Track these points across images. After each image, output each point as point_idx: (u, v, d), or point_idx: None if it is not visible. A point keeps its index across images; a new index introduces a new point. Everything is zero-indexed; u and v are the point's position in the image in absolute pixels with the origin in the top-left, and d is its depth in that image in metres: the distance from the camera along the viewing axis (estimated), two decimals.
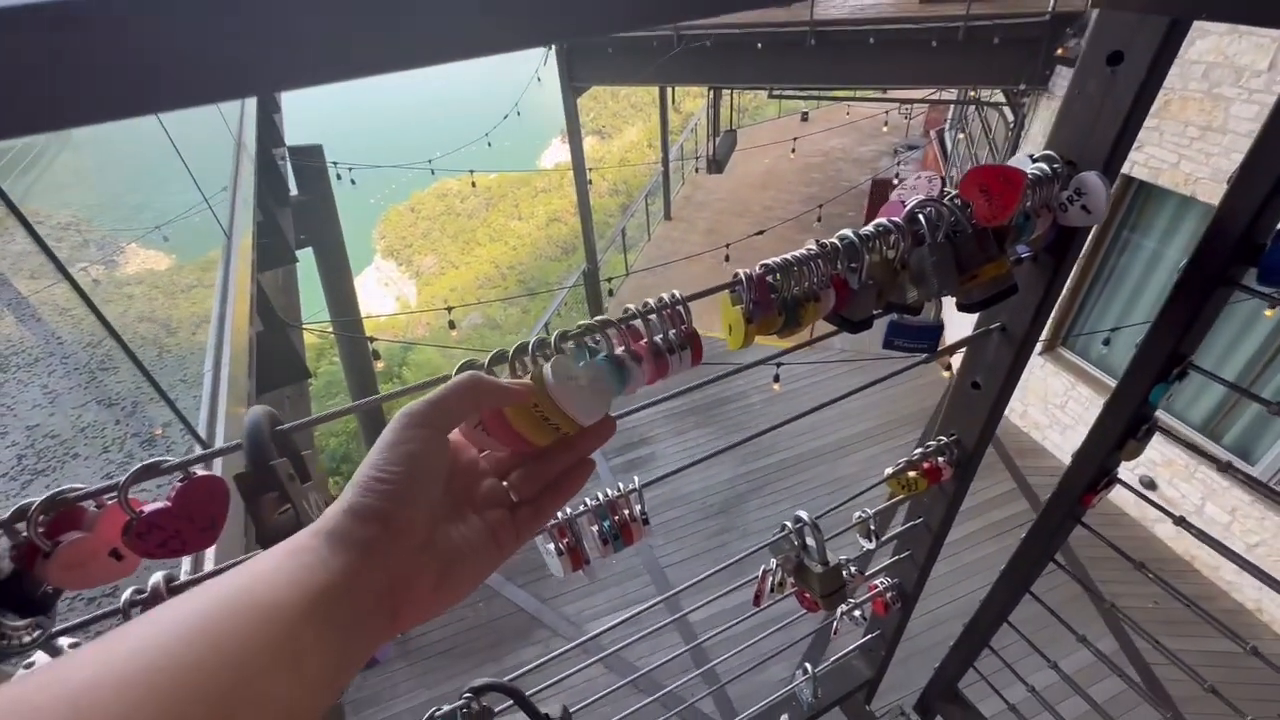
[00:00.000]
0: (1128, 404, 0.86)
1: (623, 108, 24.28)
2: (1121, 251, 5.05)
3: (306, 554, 0.30)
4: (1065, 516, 1.03)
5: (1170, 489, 4.81)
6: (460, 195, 21.52)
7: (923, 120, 12.19)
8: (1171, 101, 4.27)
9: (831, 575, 0.95)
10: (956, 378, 0.99)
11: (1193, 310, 0.75)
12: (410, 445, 0.35)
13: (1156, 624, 1.34)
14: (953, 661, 1.49)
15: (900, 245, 0.66)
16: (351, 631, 0.30)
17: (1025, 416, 6.04)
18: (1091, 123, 0.70)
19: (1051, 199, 0.73)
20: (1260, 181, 0.66)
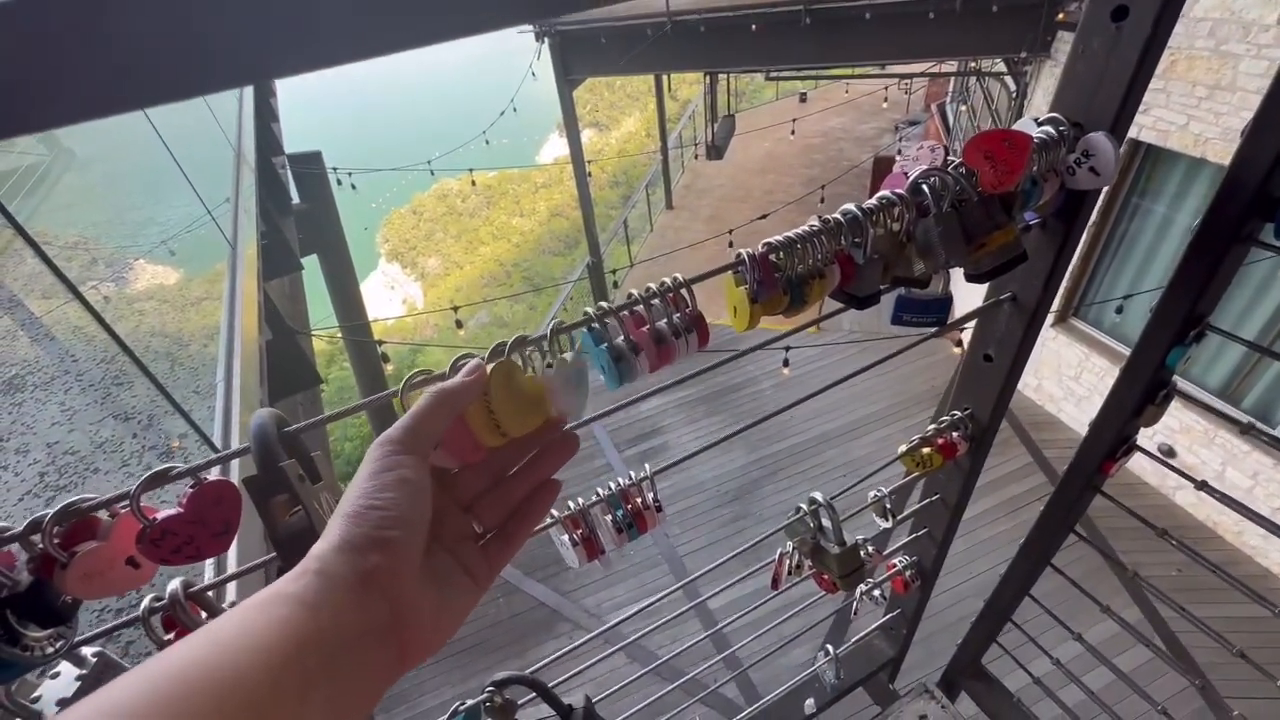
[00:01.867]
0: (1145, 369, 0.85)
1: (619, 98, 24.15)
2: (1131, 218, 4.97)
3: (283, 604, 0.28)
4: (1084, 487, 1.02)
5: (1189, 455, 4.75)
6: (461, 195, 21.54)
7: (923, 95, 12.02)
8: (1178, 61, 4.17)
9: (849, 556, 0.95)
10: (968, 351, 0.97)
11: (1209, 269, 0.73)
12: (400, 471, 0.34)
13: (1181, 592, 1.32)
14: (976, 637, 1.48)
15: (905, 217, 0.65)
16: (345, 683, 0.28)
17: (1039, 390, 5.98)
18: (1097, 82, 0.68)
19: (1058, 162, 0.72)
20: (1273, 134, 0.64)
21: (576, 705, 0.81)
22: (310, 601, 0.28)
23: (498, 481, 0.43)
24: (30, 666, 0.42)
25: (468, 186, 19.41)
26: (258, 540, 1.87)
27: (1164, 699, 1.26)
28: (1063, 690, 1.47)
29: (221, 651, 0.25)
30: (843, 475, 5.78)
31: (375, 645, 0.30)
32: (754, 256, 0.59)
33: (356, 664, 0.28)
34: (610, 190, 17.81)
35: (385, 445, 0.35)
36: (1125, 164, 4.76)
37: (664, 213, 10.82)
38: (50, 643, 0.43)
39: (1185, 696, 3.55)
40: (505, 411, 0.42)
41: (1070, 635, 1.37)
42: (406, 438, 0.35)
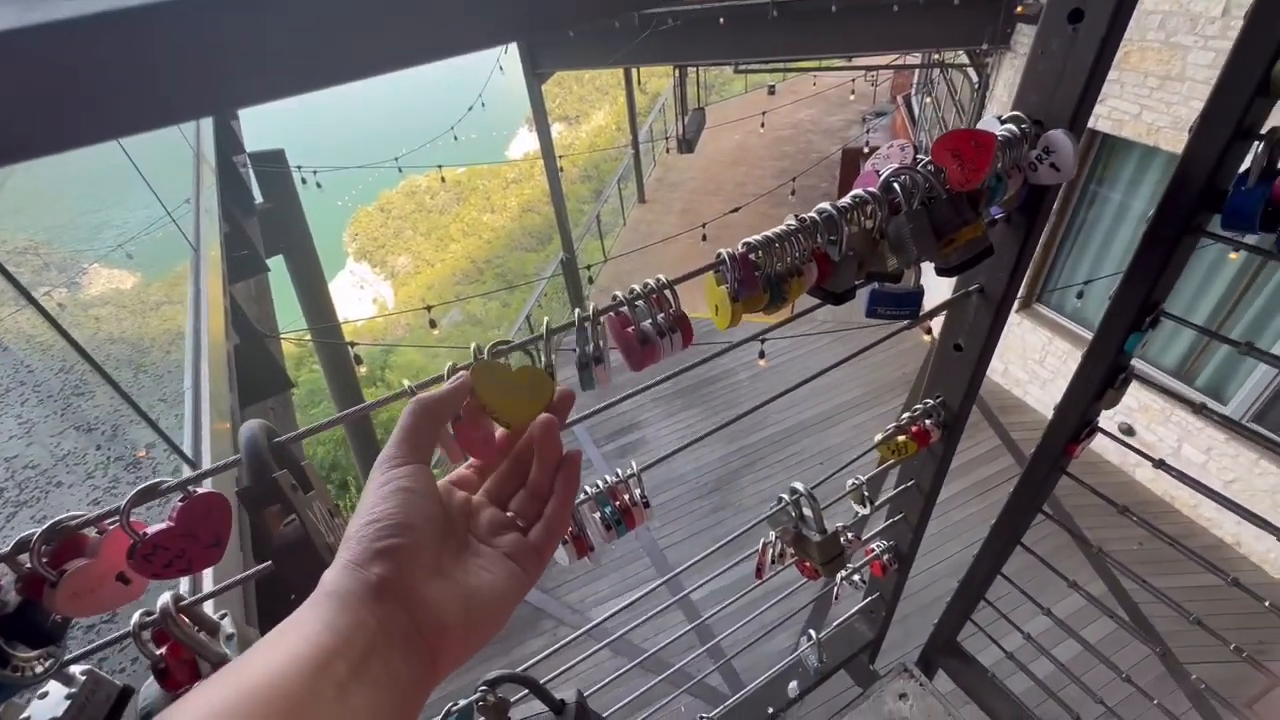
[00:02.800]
0: (1105, 354, 0.89)
1: (588, 92, 23.99)
2: (1090, 205, 5.13)
3: (306, 625, 0.29)
4: (1050, 468, 1.06)
5: (1148, 433, 4.95)
6: (430, 191, 21.21)
7: (889, 87, 12.20)
8: (1131, 53, 4.31)
9: (829, 543, 0.97)
10: (938, 341, 1.01)
11: (1162, 259, 0.77)
12: (397, 483, 0.35)
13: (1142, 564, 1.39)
14: (951, 616, 1.53)
15: (878, 215, 0.67)
16: (386, 687, 0.29)
17: (1006, 374, 6.16)
18: (1056, 81, 0.71)
19: (1021, 159, 0.75)
20: (1220, 129, 0.67)
21: (569, 700, 0.82)
22: (328, 621, 0.29)
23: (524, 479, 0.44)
24: (20, 688, 0.42)
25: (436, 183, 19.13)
26: (234, 551, 1.84)
27: (1128, 667, 1.32)
28: (1034, 663, 1.53)
29: (254, 672, 0.26)
30: (820, 463, 5.87)
31: (400, 650, 0.30)
32: (734, 256, 0.60)
33: (386, 670, 0.29)
34: (582, 185, 17.71)
35: (382, 464, 0.36)
36: (1083, 153, 4.91)
37: (637, 207, 10.82)
38: (40, 662, 0.43)
39: (1148, 664, 3.72)
40: (500, 406, 0.43)
41: (1040, 610, 1.43)
42: (397, 451, 0.37)
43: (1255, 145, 0.67)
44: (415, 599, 0.32)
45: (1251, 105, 0.65)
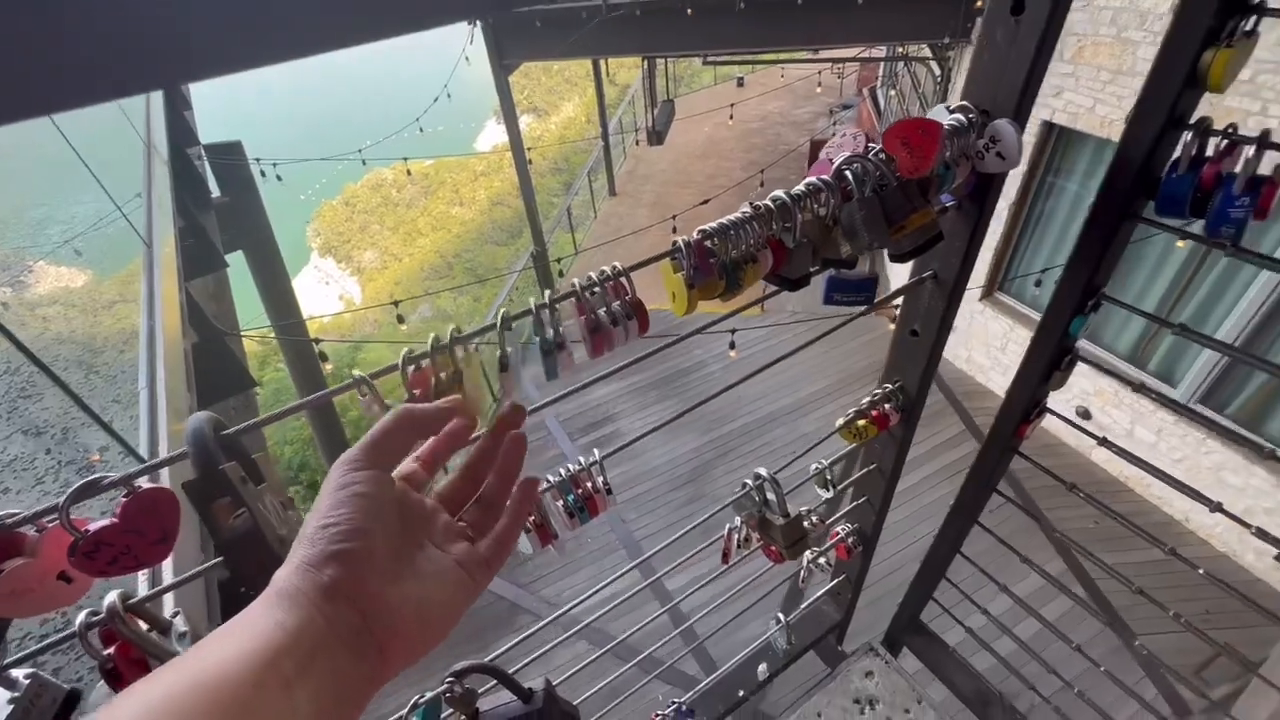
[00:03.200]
0: (1051, 338, 0.92)
1: (557, 83, 23.75)
2: (1048, 196, 5.28)
3: (258, 621, 0.29)
4: (1003, 449, 1.10)
5: (1103, 416, 5.14)
6: (396, 185, 20.80)
7: (855, 79, 12.35)
8: (1085, 47, 4.44)
9: (793, 526, 0.99)
10: (896, 327, 1.03)
11: (1102, 245, 0.80)
12: (355, 488, 0.35)
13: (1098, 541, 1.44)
14: (914, 596, 1.58)
15: (830, 202, 0.68)
16: (330, 684, 0.29)
17: (970, 361, 6.32)
18: (1000, 72, 0.73)
19: (969, 148, 0.77)
20: (1153, 119, 0.70)
21: (537, 689, 0.82)
22: (278, 619, 0.29)
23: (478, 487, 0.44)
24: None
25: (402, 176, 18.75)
26: (194, 547, 1.79)
27: (1086, 640, 1.38)
28: (997, 640, 1.59)
29: (202, 666, 0.27)
30: (791, 452, 5.96)
31: (350, 648, 0.31)
32: (689, 244, 0.61)
33: (333, 668, 0.30)
34: (552, 178, 17.56)
35: (342, 464, 0.36)
36: (1040, 144, 5.05)
37: (608, 199, 10.78)
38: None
39: (1104, 636, 3.88)
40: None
41: (999, 589, 1.48)
42: (363, 455, 0.37)
43: (1185, 134, 0.70)
44: (366, 601, 0.32)
45: (1181, 96, 0.68)
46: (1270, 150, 0.66)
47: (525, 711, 0.81)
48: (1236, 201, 0.67)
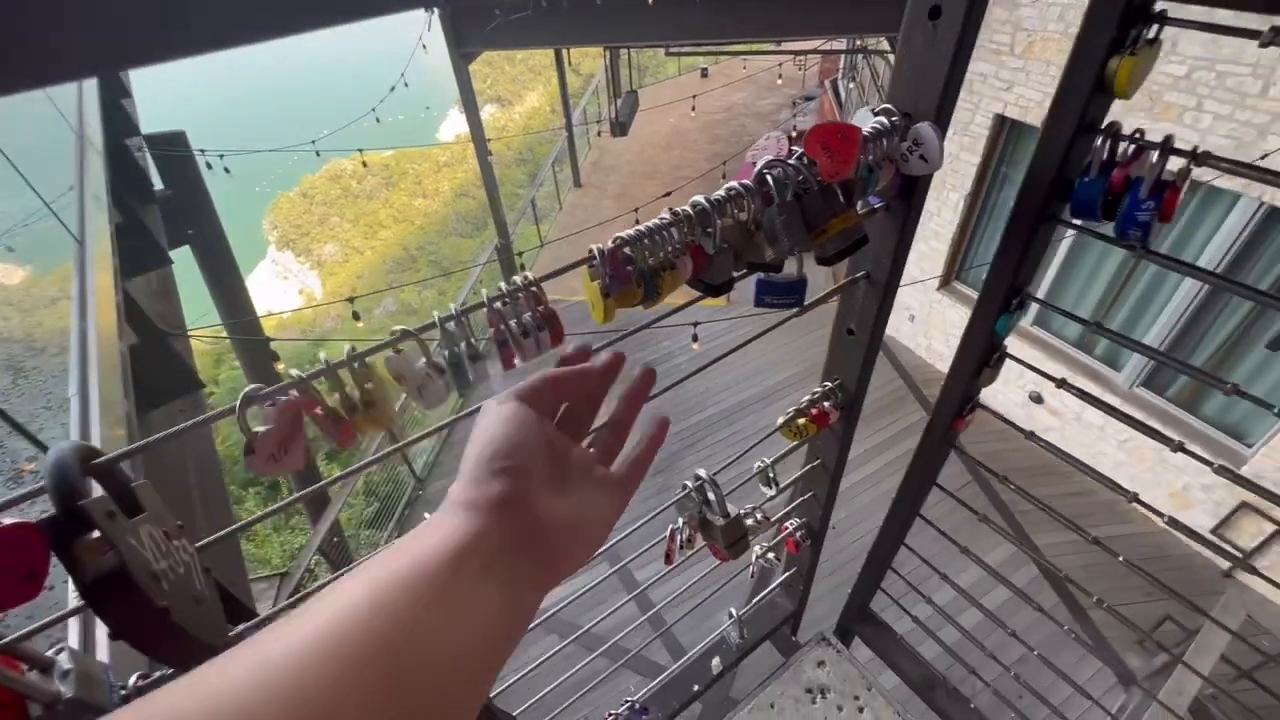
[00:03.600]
0: (980, 336, 0.94)
1: (520, 72, 23.37)
2: (1002, 186, 5.42)
3: (444, 525, 0.33)
4: (940, 444, 1.12)
5: (1054, 400, 5.33)
6: (356, 176, 20.25)
7: (817, 71, 12.46)
8: (1035, 43, 4.55)
9: (732, 526, 1.00)
10: (833, 326, 1.04)
11: (1023, 245, 0.82)
12: (504, 414, 0.39)
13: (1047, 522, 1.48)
14: (862, 586, 1.61)
15: (751, 207, 0.68)
16: (509, 584, 0.32)
17: (929, 349, 6.47)
18: (920, 75, 0.74)
19: (893, 150, 0.77)
20: (1065, 124, 0.72)
21: None
22: (458, 524, 0.33)
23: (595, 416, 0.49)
24: None
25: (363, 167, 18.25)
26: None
27: (1026, 626, 1.43)
28: (942, 631, 1.63)
29: (399, 559, 0.30)
30: (758, 441, 6.04)
31: (522, 557, 0.34)
32: (604, 252, 0.60)
33: (511, 568, 0.33)
34: (517, 168, 17.33)
35: (505, 397, 0.40)
36: (993, 137, 5.17)
37: (573, 191, 10.68)
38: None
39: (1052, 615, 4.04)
40: None
41: (942, 578, 1.52)
42: (525, 393, 0.41)
43: (1096, 139, 0.72)
44: (531, 514, 0.36)
45: (1090, 102, 0.69)
46: (1174, 155, 0.68)
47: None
48: (1143, 205, 0.69)
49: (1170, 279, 4.42)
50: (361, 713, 0.24)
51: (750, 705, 1.55)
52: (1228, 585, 4.45)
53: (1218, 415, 4.51)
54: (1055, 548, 4.65)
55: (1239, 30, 0.61)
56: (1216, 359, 4.35)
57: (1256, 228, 3.87)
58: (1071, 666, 3.95)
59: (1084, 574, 4.37)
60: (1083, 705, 1.49)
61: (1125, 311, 4.78)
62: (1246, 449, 4.28)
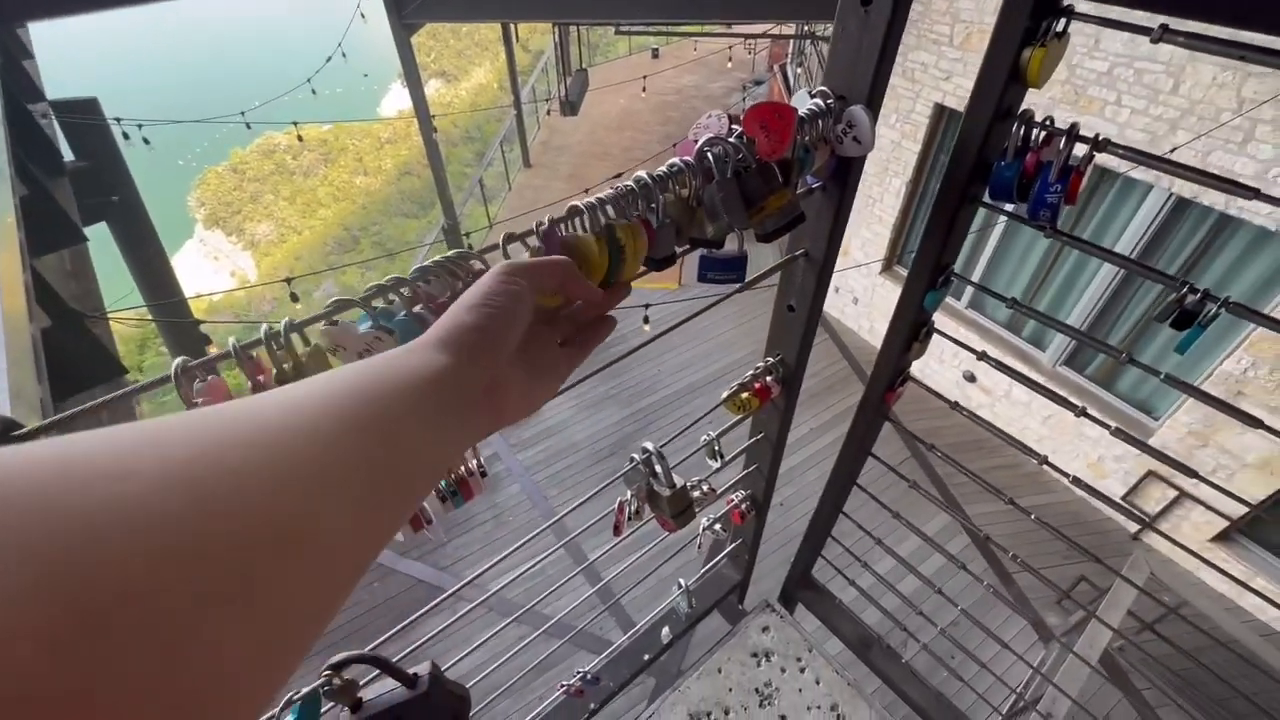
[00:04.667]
0: (909, 312, 1.00)
1: (466, 46, 22.59)
2: (940, 174, 5.63)
3: (419, 352, 0.36)
4: (873, 416, 1.18)
5: (986, 379, 5.63)
6: (291, 151, 19.20)
7: (767, 55, 12.55)
8: (973, 35, 4.72)
9: (678, 497, 1.03)
10: (775, 303, 1.08)
11: (948, 225, 0.87)
12: (514, 287, 0.42)
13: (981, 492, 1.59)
14: (804, 553, 1.69)
15: (693, 183, 0.70)
16: (464, 414, 0.37)
17: (872, 331, 6.71)
18: (854, 59, 0.77)
19: (829, 132, 0.81)
20: (983, 110, 0.76)
21: (422, 674, 0.82)
22: (430, 356, 0.36)
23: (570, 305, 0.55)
24: None
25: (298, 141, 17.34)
26: None
27: (961, 589, 1.53)
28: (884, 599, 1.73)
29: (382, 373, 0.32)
30: (710, 422, 6.15)
31: (483, 397, 0.39)
32: (541, 227, 0.61)
33: (469, 406, 0.37)
34: (464, 147, 16.83)
35: (508, 267, 0.44)
36: (933, 125, 5.36)
37: (522, 171, 10.47)
38: None
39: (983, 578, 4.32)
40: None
41: (881, 547, 1.61)
42: (526, 272, 0.44)
43: (1013, 126, 0.77)
44: (496, 369, 0.40)
45: (1006, 90, 0.74)
46: (1079, 142, 0.73)
47: (410, 697, 0.81)
48: (1051, 187, 0.74)
49: (1088, 267, 4.72)
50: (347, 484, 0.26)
51: (699, 671, 1.61)
52: (1135, 547, 4.85)
53: (1129, 392, 4.87)
54: (985, 516, 4.95)
55: (1134, 26, 0.66)
56: (1130, 339, 4.69)
57: (1166, 216, 4.17)
58: (999, 626, 4.24)
59: (1010, 540, 4.68)
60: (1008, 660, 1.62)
61: (1050, 294, 5.07)
62: (1153, 422, 4.65)
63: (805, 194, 0.88)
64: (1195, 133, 3.77)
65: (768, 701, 1.55)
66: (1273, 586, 4.17)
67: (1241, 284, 3.99)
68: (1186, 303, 0.71)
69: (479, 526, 5.30)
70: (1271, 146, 3.54)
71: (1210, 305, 0.69)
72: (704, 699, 1.56)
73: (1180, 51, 3.71)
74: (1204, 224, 4.05)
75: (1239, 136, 3.64)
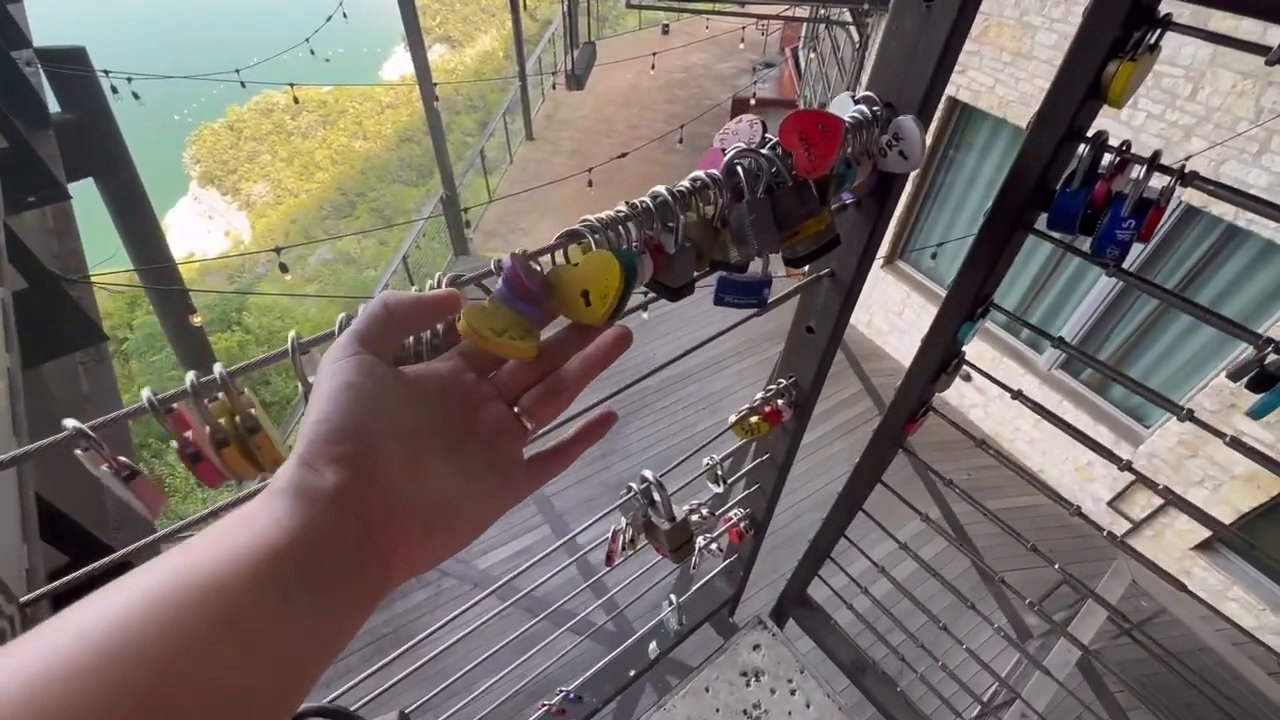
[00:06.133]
0: (940, 341, 0.91)
1: (473, 11, 22.01)
2: (948, 169, 5.51)
3: (256, 518, 0.27)
4: (890, 445, 1.10)
5: (980, 379, 5.58)
6: (289, 111, 18.77)
7: (779, 38, 12.26)
8: (990, 27, 4.57)
9: (678, 530, 0.95)
10: (792, 324, 0.99)
11: (995, 253, 0.78)
12: (343, 377, 0.31)
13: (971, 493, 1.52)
14: (802, 572, 1.62)
15: (718, 201, 0.60)
16: (327, 594, 0.27)
17: (870, 324, 6.63)
18: (908, 62, 0.67)
19: (872, 144, 0.71)
20: (1053, 128, 0.67)
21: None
22: (277, 518, 0.27)
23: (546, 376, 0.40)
24: None
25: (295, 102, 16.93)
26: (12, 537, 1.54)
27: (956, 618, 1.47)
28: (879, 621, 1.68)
29: (195, 558, 0.24)
30: (703, 408, 6.09)
31: (351, 556, 0.28)
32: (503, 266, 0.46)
33: (335, 574, 0.27)
34: (467, 116, 16.48)
35: (329, 356, 0.33)
36: (944, 119, 5.22)
37: (524, 144, 10.24)
38: None
39: (968, 573, 4.31)
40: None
41: (878, 570, 1.55)
42: (351, 339, 0.32)
43: (1081, 148, 0.67)
44: (368, 508, 0.29)
45: (1082, 107, 0.65)
46: (1159, 172, 0.64)
47: None
48: (1124, 223, 0.65)
49: (1086, 278, 4.64)
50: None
51: (685, 689, 1.55)
52: (1117, 552, 4.86)
53: (1123, 398, 4.83)
54: (968, 515, 4.93)
55: (1242, 43, 0.57)
56: (1124, 349, 4.64)
57: (1173, 225, 4.08)
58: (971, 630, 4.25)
59: (994, 538, 4.67)
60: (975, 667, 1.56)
61: (1048, 301, 5.00)
62: (1145, 429, 4.62)
63: (839, 209, 0.79)
64: (1210, 140, 3.66)
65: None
66: (1250, 597, 4.19)
67: (1244, 297, 3.93)
68: (1268, 363, 0.62)
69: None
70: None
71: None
72: (689, 718, 1.50)
73: (1201, 56, 3.59)
74: (1211, 234, 3.97)
75: (1254, 147, 3.53)
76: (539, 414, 0.38)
